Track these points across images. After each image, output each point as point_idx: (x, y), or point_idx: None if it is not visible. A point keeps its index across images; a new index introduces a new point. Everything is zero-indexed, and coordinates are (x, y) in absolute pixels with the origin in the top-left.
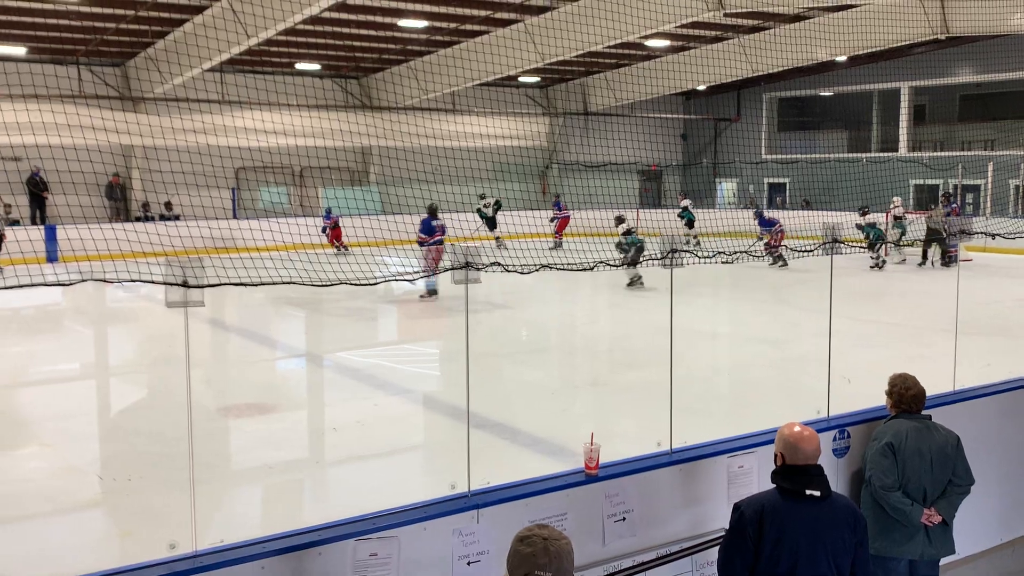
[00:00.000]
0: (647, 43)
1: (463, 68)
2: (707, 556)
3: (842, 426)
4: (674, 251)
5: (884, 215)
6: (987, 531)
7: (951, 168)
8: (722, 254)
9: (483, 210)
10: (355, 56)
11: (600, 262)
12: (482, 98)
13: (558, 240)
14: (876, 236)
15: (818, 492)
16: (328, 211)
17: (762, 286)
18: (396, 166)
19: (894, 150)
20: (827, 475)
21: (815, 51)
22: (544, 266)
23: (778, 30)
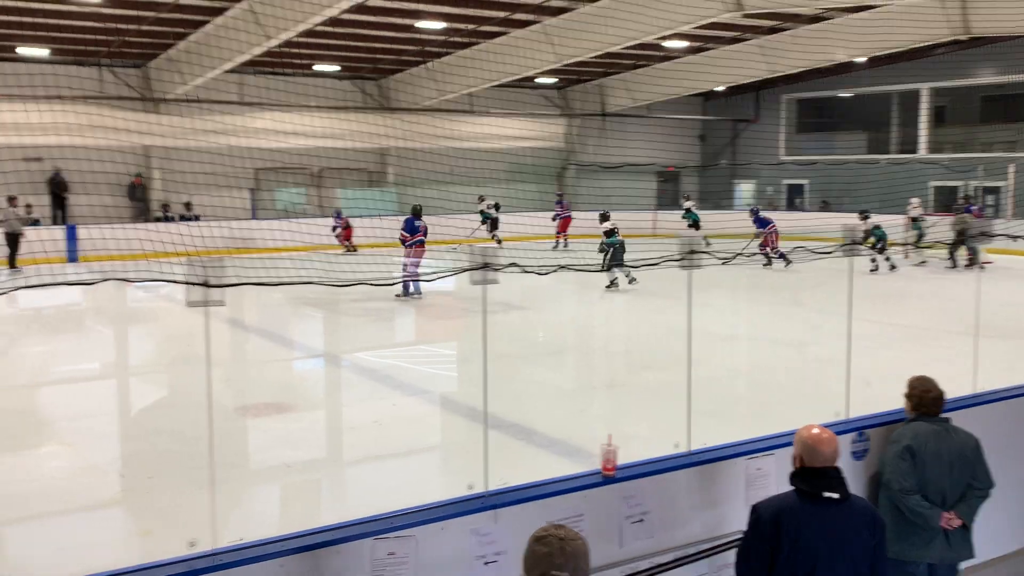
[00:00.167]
0: (665, 44)
1: (480, 69)
2: (724, 558)
3: (861, 428)
4: (692, 252)
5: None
6: (1007, 535)
7: (972, 170)
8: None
9: (487, 211)
10: (373, 57)
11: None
12: (499, 99)
13: (562, 240)
14: (878, 238)
15: (836, 494)
16: (338, 212)
17: (780, 288)
18: (413, 167)
19: (913, 152)
20: (845, 478)
21: (834, 52)
22: (562, 267)
23: (797, 31)
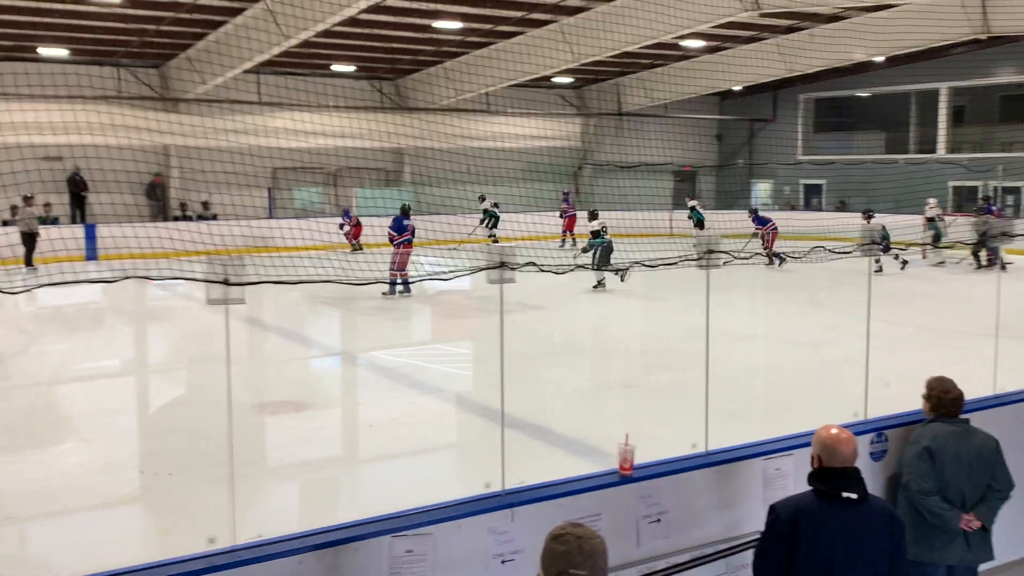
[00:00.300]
0: (682, 43)
1: (497, 69)
2: (742, 559)
3: (880, 429)
4: (711, 252)
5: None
6: None
7: (991, 170)
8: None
9: (490, 209)
10: (390, 57)
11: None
12: (516, 98)
13: (567, 239)
14: (882, 237)
15: (855, 495)
16: (347, 211)
17: (798, 288)
18: (430, 166)
19: (932, 151)
20: (864, 478)
21: (852, 51)
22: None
23: (815, 30)
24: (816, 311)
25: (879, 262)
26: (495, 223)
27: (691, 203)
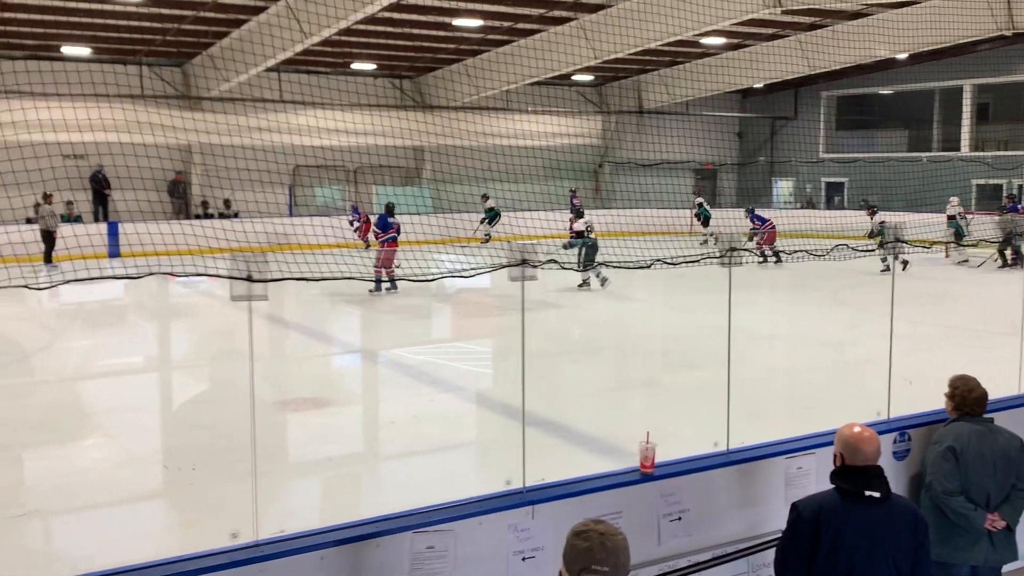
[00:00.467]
0: (703, 41)
1: (517, 66)
2: (763, 557)
3: (903, 428)
4: (733, 250)
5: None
6: None
7: (1016, 168)
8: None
9: (495, 207)
10: (410, 55)
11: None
12: (536, 96)
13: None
14: (881, 234)
15: (878, 493)
16: (355, 207)
17: (820, 287)
18: (449, 164)
19: (956, 149)
20: (887, 477)
21: (875, 49)
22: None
23: (837, 27)
24: (838, 310)
25: (886, 261)
26: (493, 221)
27: (698, 200)
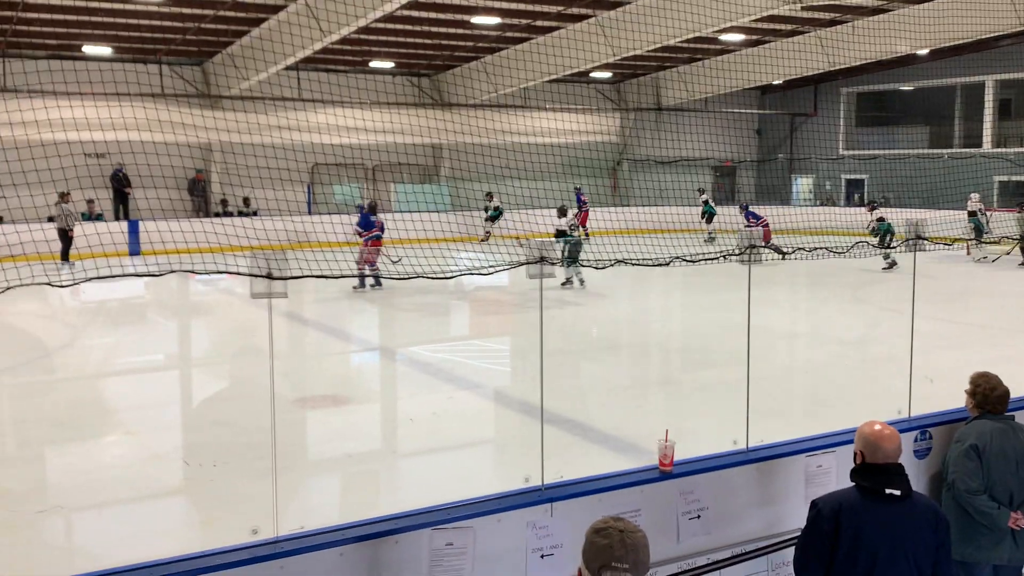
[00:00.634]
0: (722, 37)
1: (535, 64)
2: (783, 556)
3: (924, 427)
4: (752, 247)
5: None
6: None
7: None
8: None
9: (500, 206)
10: (428, 53)
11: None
12: (554, 93)
13: (583, 234)
14: (885, 231)
15: (898, 491)
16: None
17: (840, 285)
18: (467, 162)
19: (978, 146)
20: (908, 475)
21: (895, 44)
22: (619, 261)
23: (857, 23)
24: (858, 308)
25: (888, 257)
26: (496, 219)
27: (703, 197)
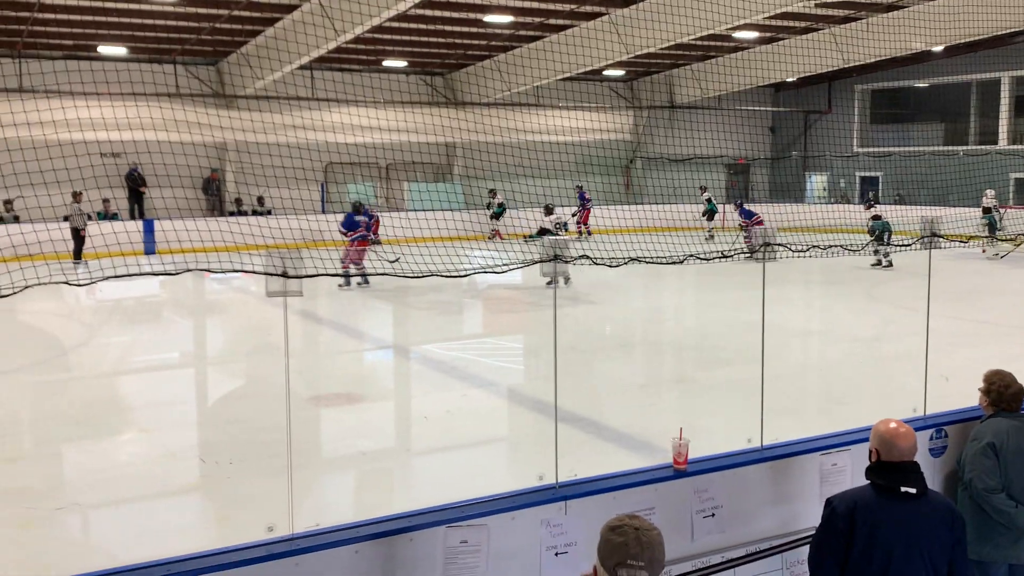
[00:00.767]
0: (735, 35)
1: (548, 62)
2: (798, 554)
3: (939, 425)
4: (767, 244)
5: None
6: None
7: None
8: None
9: (504, 203)
10: (441, 52)
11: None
12: (567, 92)
13: (584, 232)
14: (882, 229)
15: (914, 489)
16: (367, 211)
17: (854, 283)
18: (480, 160)
19: (993, 143)
20: (923, 473)
21: (910, 41)
22: (633, 259)
23: (871, 20)
24: (873, 306)
25: (878, 254)
26: (500, 216)
27: (705, 195)
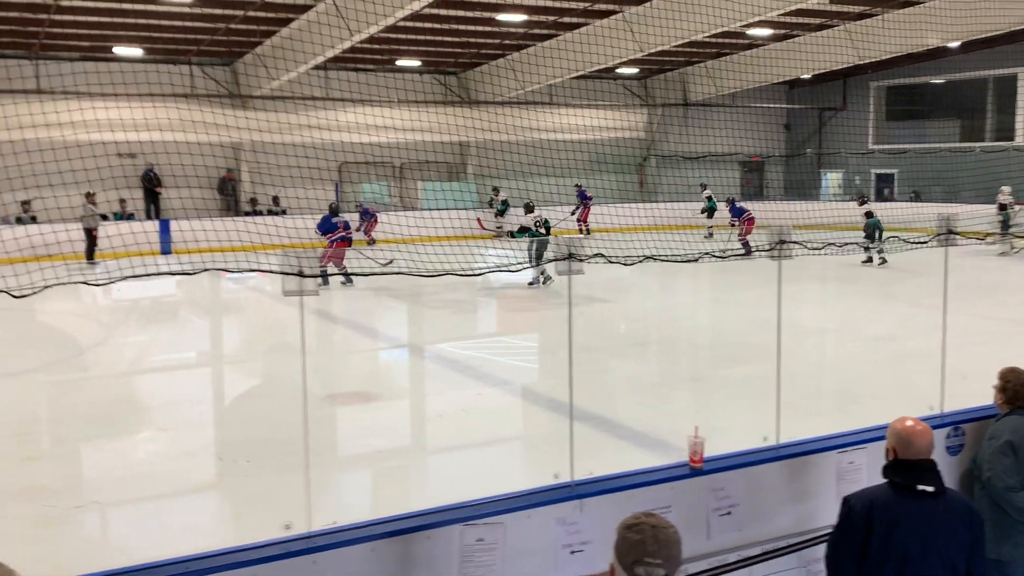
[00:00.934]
0: (749, 32)
1: (561, 61)
2: (814, 552)
3: (956, 423)
4: (782, 242)
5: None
6: None
7: None
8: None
9: (508, 200)
10: (454, 51)
11: (705, 253)
12: (580, 90)
13: (584, 230)
14: (873, 226)
15: (931, 488)
16: (366, 210)
17: (868, 280)
18: (494, 159)
19: (1010, 139)
20: (941, 472)
21: (926, 37)
22: (648, 257)
23: (886, 16)
24: (889, 304)
25: (868, 251)
26: (504, 214)
27: (706, 192)
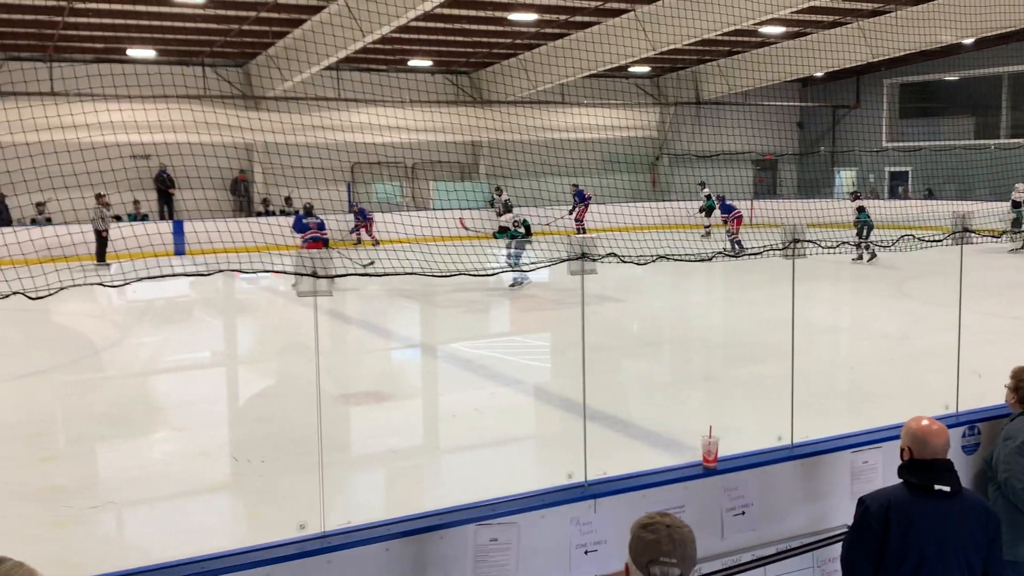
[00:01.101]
0: (762, 29)
1: (573, 60)
2: (829, 552)
3: (972, 422)
4: (796, 241)
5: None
6: None
7: None
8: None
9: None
10: (466, 51)
11: (719, 252)
12: (592, 89)
13: (581, 229)
14: (863, 223)
15: (947, 487)
16: (362, 210)
17: (881, 279)
18: (506, 159)
19: None
20: (956, 471)
21: (939, 34)
22: (661, 256)
23: (900, 13)
24: (902, 302)
25: (859, 248)
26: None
27: (705, 191)
